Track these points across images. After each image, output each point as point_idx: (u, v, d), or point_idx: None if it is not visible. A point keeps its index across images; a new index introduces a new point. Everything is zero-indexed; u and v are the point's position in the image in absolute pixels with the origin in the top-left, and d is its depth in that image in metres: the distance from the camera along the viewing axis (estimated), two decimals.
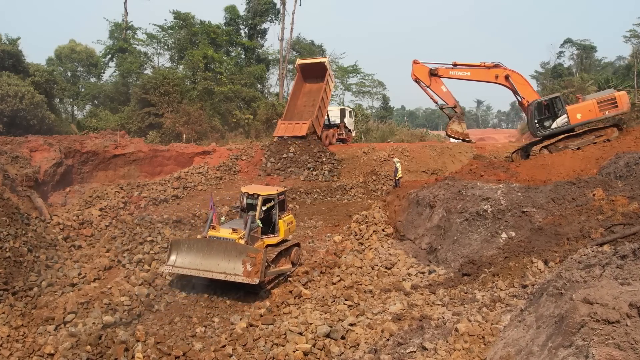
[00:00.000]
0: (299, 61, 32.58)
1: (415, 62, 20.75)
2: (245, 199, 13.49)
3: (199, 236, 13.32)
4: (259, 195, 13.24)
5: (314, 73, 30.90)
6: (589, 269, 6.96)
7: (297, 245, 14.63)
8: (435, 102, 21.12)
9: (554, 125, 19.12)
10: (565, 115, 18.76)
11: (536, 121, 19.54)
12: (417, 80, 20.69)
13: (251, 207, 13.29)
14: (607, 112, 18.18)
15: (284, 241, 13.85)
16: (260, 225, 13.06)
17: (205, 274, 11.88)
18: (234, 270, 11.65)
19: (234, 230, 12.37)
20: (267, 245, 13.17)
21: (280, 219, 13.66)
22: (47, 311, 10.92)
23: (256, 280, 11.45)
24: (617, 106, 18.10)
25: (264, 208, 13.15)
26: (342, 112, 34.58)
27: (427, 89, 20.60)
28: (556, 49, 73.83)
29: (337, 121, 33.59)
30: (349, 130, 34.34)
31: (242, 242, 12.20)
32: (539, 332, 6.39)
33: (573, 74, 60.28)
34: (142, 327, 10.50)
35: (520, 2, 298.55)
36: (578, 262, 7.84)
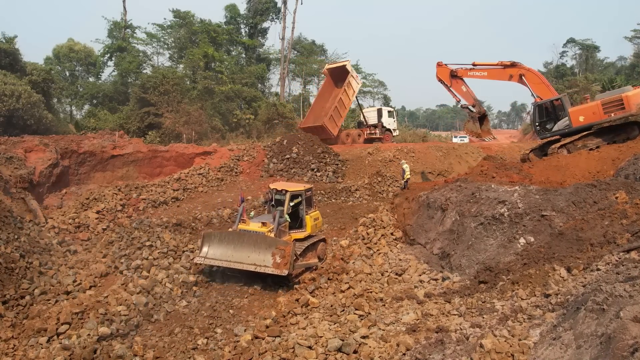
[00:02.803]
0: (327, 66, 34.18)
1: (438, 64, 21.27)
2: (273, 195, 14.05)
3: (229, 229, 13.77)
4: (287, 191, 13.72)
5: (342, 76, 31.78)
6: (632, 281, 6.34)
7: (323, 240, 14.99)
8: (458, 101, 21.62)
9: (555, 128, 18.48)
10: (567, 118, 18.01)
11: (537, 123, 19.04)
12: (440, 81, 21.22)
13: (279, 203, 13.82)
14: (612, 115, 17.07)
15: (310, 236, 14.35)
16: (289, 220, 13.58)
17: (236, 265, 12.46)
18: (264, 262, 12.20)
19: (264, 224, 12.98)
20: (295, 240, 13.56)
21: (307, 214, 14.19)
22: (40, 322, 10.27)
23: (285, 272, 11.98)
24: (624, 108, 16.87)
25: (291, 204, 13.66)
26: (379, 112, 35.36)
27: (450, 89, 21.09)
28: (559, 48, 73.47)
29: (375, 121, 34.33)
30: (387, 130, 34.67)
31: (272, 235, 12.70)
32: (581, 353, 5.77)
33: (576, 74, 59.82)
34: (140, 339, 9.91)
35: (520, 1, 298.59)
36: (617, 273, 7.23)
